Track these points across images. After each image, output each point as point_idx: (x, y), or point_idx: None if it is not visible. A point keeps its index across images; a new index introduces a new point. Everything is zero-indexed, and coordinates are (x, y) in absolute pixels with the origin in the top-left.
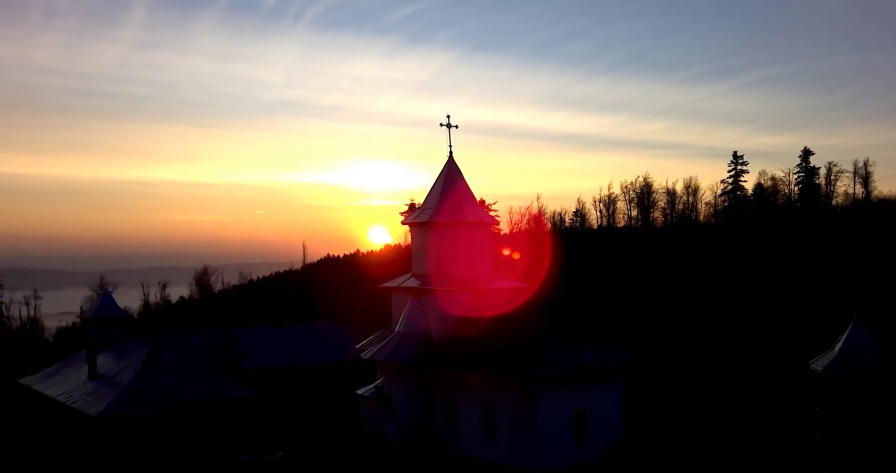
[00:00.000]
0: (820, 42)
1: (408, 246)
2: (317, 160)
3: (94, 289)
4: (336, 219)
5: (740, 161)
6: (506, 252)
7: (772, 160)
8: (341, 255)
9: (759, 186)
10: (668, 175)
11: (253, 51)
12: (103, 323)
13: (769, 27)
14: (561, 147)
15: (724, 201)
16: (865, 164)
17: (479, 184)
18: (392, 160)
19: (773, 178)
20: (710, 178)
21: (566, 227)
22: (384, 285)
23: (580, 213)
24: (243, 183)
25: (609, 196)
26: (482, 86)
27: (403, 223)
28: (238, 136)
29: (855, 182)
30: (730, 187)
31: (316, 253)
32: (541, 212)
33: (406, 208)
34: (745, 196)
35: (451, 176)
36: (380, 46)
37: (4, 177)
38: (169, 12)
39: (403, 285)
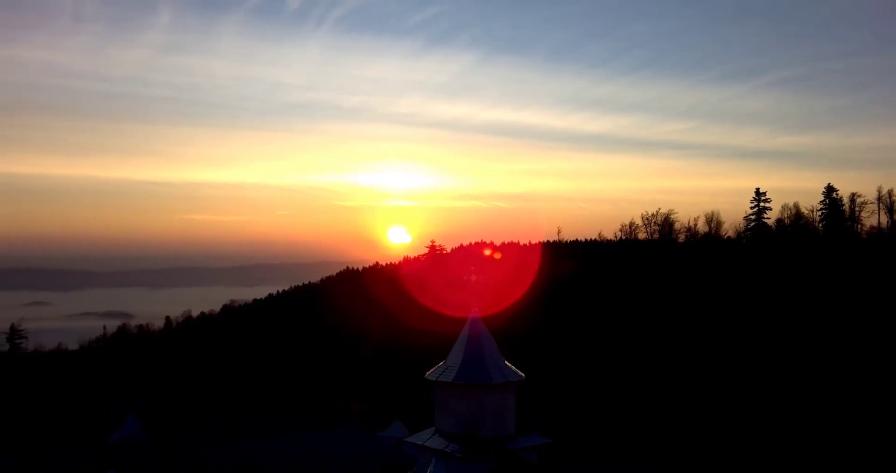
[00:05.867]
0: (841, 43)
1: (426, 259)
2: (338, 161)
3: (116, 315)
4: (356, 220)
5: (763, 198)
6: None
7: (792, 162)
8: (360, 268)
9: (780, 222)
10: (688, 178)
11: (276, 53)
12: (125, 448)
13: (790, 28)
14: (581, 148)
15: (745, 239)
16: (890, 193)
17: (499, 186)
18: (412, 161)
19: (797, 213)
20: (731, 182)
21: (587, 241)
22: (408, 439)
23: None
24: (265, 183)
25: (630, 225)
26: (502, 87)
27: (427, 377)
28: (260, 138)
29: (880, 211)
30: (753, 224)
31: (336, 254)
32: (559, 245)
33: (427, 250)
34: (770, 231)
35: (474, 334)
36: (401, 48)
37: (29, 179)
38: (193, 16)
39: (427, 444)
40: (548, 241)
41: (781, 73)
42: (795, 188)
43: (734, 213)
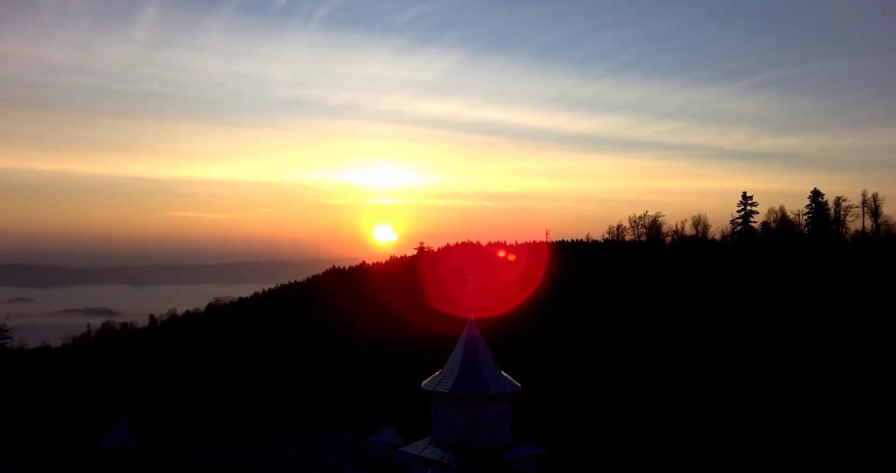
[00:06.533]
0: (828, 45)
1: (412, 257)
2: (324, 158)
3: (100, 312)
4: (342, 218)
5: (749, 201)
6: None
7: (779, 163)
8: (347, 267)
9: (766, 225)
10: (676, 179)
11: (263, 50)
12: (117, 454)
13: (778, 30)
14: (569, 147)
15: (732, 242)
16: (875, 197)
17: (486, 185)
18: (399, 159)
19: (783, 217)
20: (718, 183)
21: (574, 242)
22: (404, 449)
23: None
24: (250, 180)
25: (618, 227)
26: (490, 86)
27: (423, 387)
28: (247, 134)
29: (864, 215)
30: (739, 227)
31: (322, 252)
32: (549, 246)
33: (415, 251)
34: (756, 234)
35: (470, 343)
36: (389, 46)
37: (13, 174)
38: (180, 11)
39: (423, 454)
40: (536, 242)
41: (769, 74)
42: (782, 189)
43: (721, 215)
